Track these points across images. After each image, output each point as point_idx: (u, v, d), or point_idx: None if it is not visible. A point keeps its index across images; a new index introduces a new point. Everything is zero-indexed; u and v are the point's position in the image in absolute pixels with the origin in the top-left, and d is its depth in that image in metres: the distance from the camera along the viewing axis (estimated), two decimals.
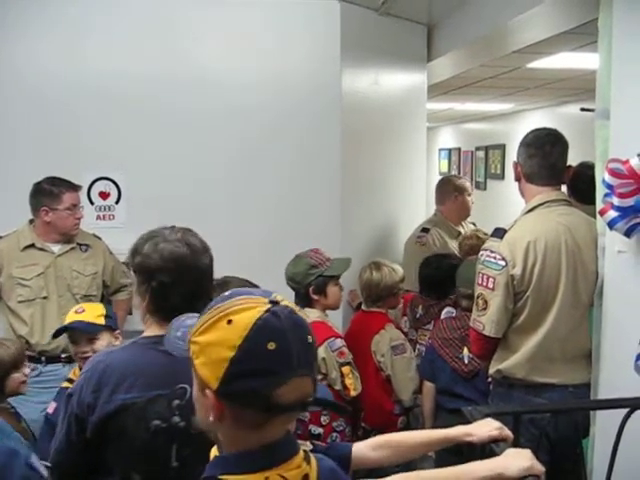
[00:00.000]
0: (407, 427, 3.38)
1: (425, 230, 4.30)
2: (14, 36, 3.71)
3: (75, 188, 3.42)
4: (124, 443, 1.77)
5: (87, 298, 3.36)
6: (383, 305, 3.46)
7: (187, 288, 1.79)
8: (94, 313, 2.65)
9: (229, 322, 1.10)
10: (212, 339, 1.11)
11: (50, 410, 2.55)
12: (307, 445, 1.64)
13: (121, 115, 3.79)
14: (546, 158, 2.66)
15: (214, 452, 1.49)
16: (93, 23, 3.74)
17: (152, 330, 1.86)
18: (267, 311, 1.11)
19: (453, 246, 4.26)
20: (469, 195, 4.44)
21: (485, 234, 3.85)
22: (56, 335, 2.76)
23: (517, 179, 2.75)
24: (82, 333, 2.59)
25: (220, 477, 1.13)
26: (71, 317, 2.63)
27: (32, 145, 3.71)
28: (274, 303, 1.13)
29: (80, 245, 3.47)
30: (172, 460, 1.77)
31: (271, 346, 1.08)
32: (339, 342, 2.98)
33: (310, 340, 1.14)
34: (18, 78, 3.72)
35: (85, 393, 1.79)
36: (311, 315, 2.87)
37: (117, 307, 3.54)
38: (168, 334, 1.33)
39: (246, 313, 1.11)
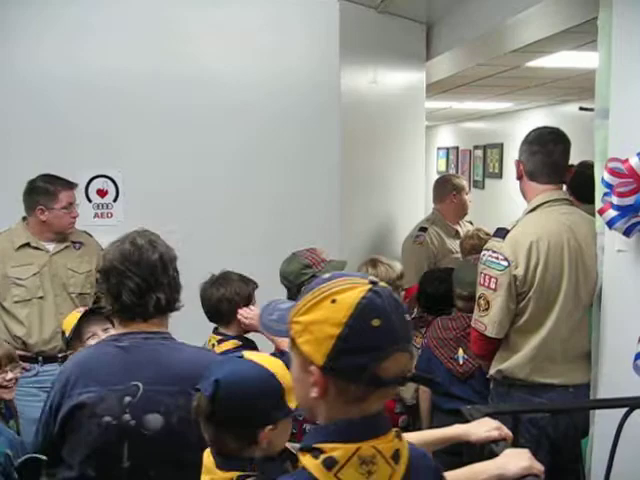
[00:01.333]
0: (409, 425, 3.37)
1: (423, 229, 4.30)
2: (13, 35, 3.71)
3: (71, 186, 3.36)
4: (79, 439, 1.81)
5: (82, 296, 3.33)
6: None
7: (134, 283, 1.85)
8: None
9: (333, 301, 1.14)
10: (316, 318, 1.15)
11: None
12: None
13: (119, 113, 3.79)
14: (549, 156, 2.65)
15: (207, 455, 1.50)
16: (91, 22, 3.74)
17: (115, 329, 1.94)
18: (369, 290, 1.15)
19: (451, 245, 4.26)
20: (467, 194, 4.44)
21: (487, 234, 3.83)
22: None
23: (519, 177, 2.74)
24: None
25: (315, 445, 1.15)
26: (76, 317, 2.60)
27: (31, 143, 3.70)
28: (374, 283, 1.17)
29: (74, 243, 3.42)
30: (124, 459, 1.78)
31: (375, 323, 1.12)
32: None
33: (407, 318, 1.19)
34: (17, 77, 3.72)
35: (54, 391, 1.87)
36: None
37: None
38: (261, 319, 1.35)
39: (349, 292, 1.15)
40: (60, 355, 3.21)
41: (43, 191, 3.31)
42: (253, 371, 1.49)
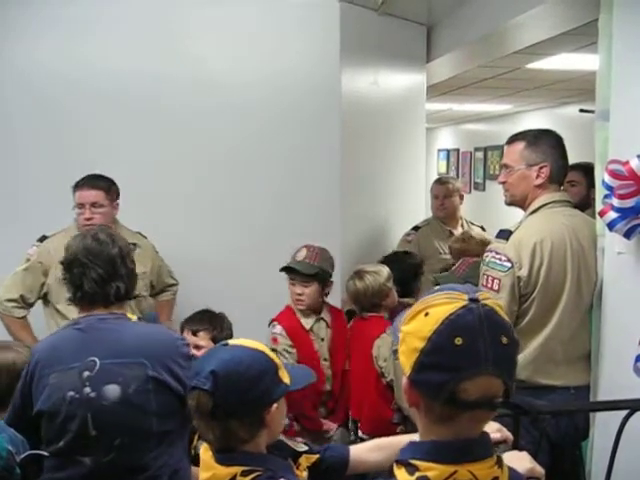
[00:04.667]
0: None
1: (415, 228, 4.46)
2: (14, 35, 3.71)
3: (89, 186, 3.24)
4: (50, 416, 1.98)
5: (137, 299, 3.18)
6: (380, 309, 3.40)
7: (96, 274, 2.06)
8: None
9: (426, 314, 1.15)
10: (410, 329, 1.17)
11: None
12: (301, 445, 1.64)
13: (120, 114, 3.78)
14: (566, 159, 2.68)
15: (205, 450, 1.49)
16: (93, 23, 3.74)
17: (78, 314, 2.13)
18: (462, 307, 1.13)
19: (440, 246, 4.35)
20: (452, 197, 4.51)
21: (471, 237, 3.86)
22: None
23: (540, 184, 2.61)
24: None
25: (411, 461, 1.15)
26: None
27: (32, 144, 3.70)
28: (473, 300, 1.14)
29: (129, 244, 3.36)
30: (90, 429, 1.95)
31: (458, 341, 1.11)
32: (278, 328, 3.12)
33: (505, 342, 1.14)
34: (18, 77, 3.72)
35: (27, 373, 2.05)
36: None
37: (160, 308, 3.49)
38: (394, 327, 1.39)
39: (442, 307, 1.14)
40: None
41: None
42: (245, 354, 1.48)
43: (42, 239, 3.32)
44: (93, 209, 3.23)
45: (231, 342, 1.54)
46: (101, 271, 2.06)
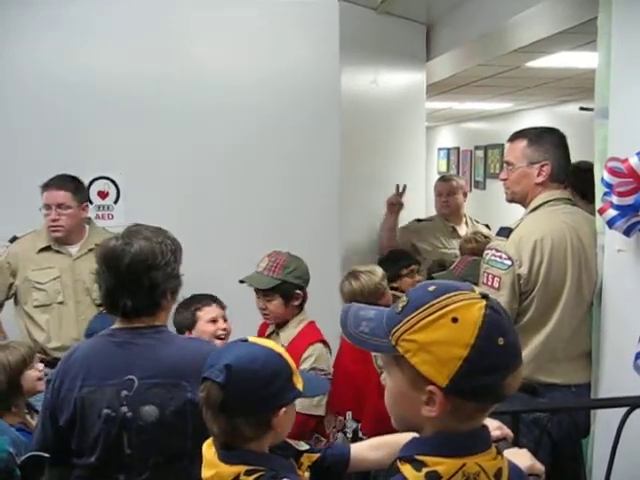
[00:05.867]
0: None
1: (417, 220, 4.52)
2: (13, 37, 3.71)
3: (56, 187, 3.20)
4: (84, 429, 1.91)
5: None
6: None
7: (116, 280, 1.92)
8: None
9: (454, 320, 1.11)
10: (438, 337, 1.11)
11: None
12: (302, 444, 1.64)
13: (120, 115, 3.78)
14: (568, 157, 2.69)
15: (207, 447, 1.49)
16: (92, 24, 3.74)
17: (115, 324, 2.00)
18: (487, 306, 1.12)
19: (436, 240, 4.38)
20: (456, 194, 4.54)
21: (485, 236, 3.90)
22: None
23: (541, 182, 2.62)
24: None
25: (417, 457, 1.13)
26: None
27: (31, 145, 3.70)
28: (486, 297, 1.14)
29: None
30: (125, 447, 1.88)
31: (501, 341, 1.11)
32: None
33: (515, 330, 1.17)
34: (17, 78, 3.71)
35: (55, 380, 1.96)
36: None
37: None
38: (346, 329, 1.25)
39: (470, 310, 1.11)
40: None
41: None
42: (262, 352, 1.47)
43: (13, 240, 3.31)
44: (59, 210, 3.19)
45: (251, 339, 1.53)
46: (119, 278, 1.92)
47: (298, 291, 2.87)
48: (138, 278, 1.92)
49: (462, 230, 4.42)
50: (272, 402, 1.44)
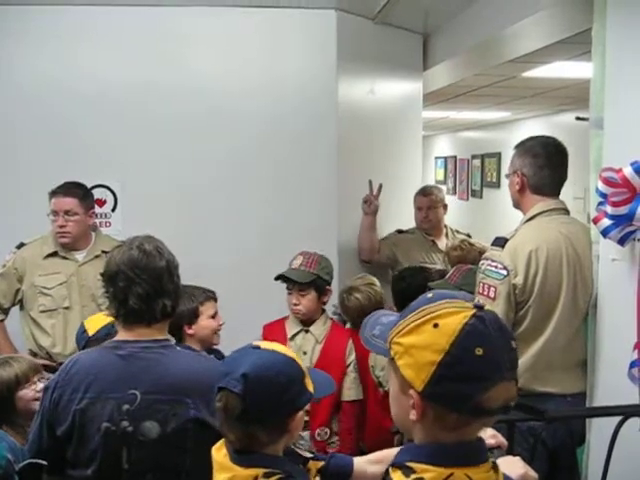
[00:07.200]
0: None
1: (399, 232, 4.36)
2: (12, 44, 3.73)
3: (64, 194, 3.25)
4: (81, 441, 1.88)
5: None
6: None
7: (142, 289, 1.89)
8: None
9: (435, 326, 1.11)
10: (417, 342, 1.12)
11: None
12: (306, 452, 1.64)
13: (118, 123, 3.81)
14: (556, 170, 2.67)
15: (217, 451, 1.49)
16: (90, 32, 3.77)
17: (119, 335, 1.96)
18: (473, 316, 1.11)
19: (421, 255, 4.24)
20: (436, 208, 4.39)
21: (470, 244, 3.86)
22: None
23: (519, 190, 2.69)
24: None
25: (408, 464, 1.14)
26: (103, 320, 2.51)
27: (29, 153, 3.73)
28: (479, 308, 1.13)
29: (105, 253, 3.22)
30: (123, 462, 1.85)
31: (479, 352, 1.09)
32: None
33: (514, 345, 1.15)
34: (16, 86, 3.74)
35: (54, 389, 1.92)
36: None
37: None
38: (363, 332, 1.29)
39: (453, 318, 1.11)
40: None
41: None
42: (277, 359, 1.47)
43: (20, 246, 3.34)
44: (67, 217, 3.24)
45: (262, 345, 1.52)
46: (148, 286, 1.90)
47: (328, 287, 3.08)
48: (172, 278, 1.95)
49: (442, 243, 4.30)
50: (289, 408, 1.46)
